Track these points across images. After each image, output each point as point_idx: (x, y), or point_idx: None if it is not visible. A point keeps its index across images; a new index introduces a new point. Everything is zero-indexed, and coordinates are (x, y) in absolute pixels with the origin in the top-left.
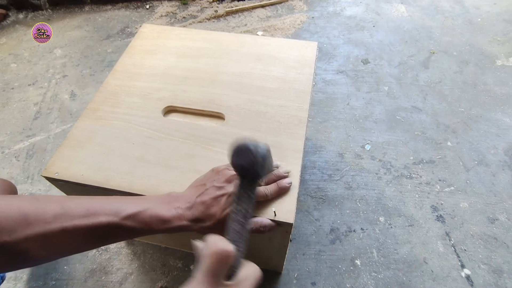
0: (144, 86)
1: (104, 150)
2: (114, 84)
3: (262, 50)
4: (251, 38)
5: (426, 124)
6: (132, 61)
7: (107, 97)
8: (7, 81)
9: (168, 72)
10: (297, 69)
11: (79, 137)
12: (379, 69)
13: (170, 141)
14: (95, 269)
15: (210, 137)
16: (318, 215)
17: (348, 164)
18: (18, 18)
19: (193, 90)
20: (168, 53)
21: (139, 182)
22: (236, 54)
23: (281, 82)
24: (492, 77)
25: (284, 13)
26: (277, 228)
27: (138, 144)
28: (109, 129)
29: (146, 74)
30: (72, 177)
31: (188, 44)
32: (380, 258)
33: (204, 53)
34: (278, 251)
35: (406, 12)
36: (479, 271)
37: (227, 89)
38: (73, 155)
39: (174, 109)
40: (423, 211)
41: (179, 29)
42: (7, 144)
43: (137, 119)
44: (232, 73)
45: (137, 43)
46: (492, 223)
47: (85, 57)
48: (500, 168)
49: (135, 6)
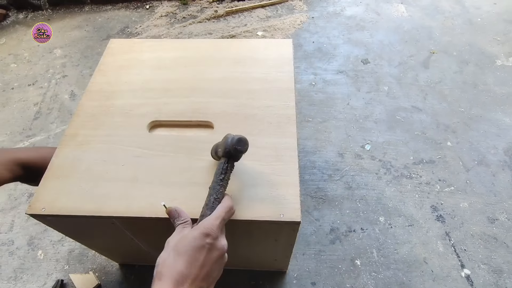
0: (124, 104)
1: (92, 176)
2: (91, 105)
3: (239, 53)
4: (225, 42)
5: (426, 124)
6: (106, 79)
7: (85, 120)
8: (7, 81)
9: (147, 86)
10: (277, 67)
11: (62, 166)
12: (379, 69)
13: (161, 157)
14: (95, 269)
15: (202, 147)
16: (318, 215)
17: (348, 164)
18: (18, 18)
19: (176, 101)
20: (143, 67)
21: (136, 204)
22: (214, 60)
23: (264, 83)
24: (492, 77)
25: (284, 13)
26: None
27: (128, 165)
28: (94, 153)
29: (123, 91)
30: (61, 210)
31: (163, 55)
32: (380, 258)
33: (180, 62)
34: (284, 251)
35: (406, 12)
36: (479, 271)
37: (211, 96)
38: (58, 186)
39: (159, 124)
40: (423, 211)
41: (150, 41)
42: (7, 144)
43: (122, 139)
44: (213, 79)
45: (108, 59)
46: (492, 223)
47: (85, 57)
48: (500, 168)
49: (135, 6)
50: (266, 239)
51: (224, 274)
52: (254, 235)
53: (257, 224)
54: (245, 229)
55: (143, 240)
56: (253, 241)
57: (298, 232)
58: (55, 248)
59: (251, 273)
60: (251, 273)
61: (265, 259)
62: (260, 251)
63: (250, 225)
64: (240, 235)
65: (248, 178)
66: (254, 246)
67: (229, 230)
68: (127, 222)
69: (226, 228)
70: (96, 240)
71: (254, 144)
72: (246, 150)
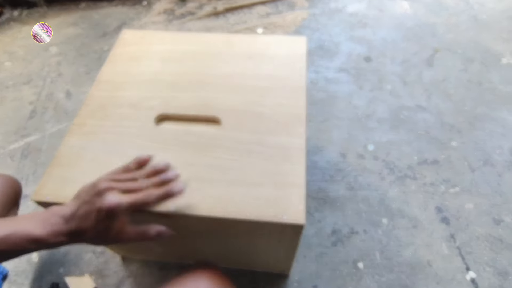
0: (132, 95)
1: (97, 166)
2: (99, 95)
3: (250, 49)
4: (237, 37)
5: (430, 123)
6: (115, 70)
7: (94, 110)
8: (1, 80)
9: (156, 78)
10: (289, 65)
11: (68, 155)
12: (382, 67)
13: (167, 151)
14: (91, 272)
15: (208, 142)
16: (319, 217)
17: (350, 164)
18: (12, 15)
19: (184, 95)
20: (153, 59)
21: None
22: (224, 55)
23: (274, 80)
24: (498, 75)
25: (284, 10)
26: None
27: (134, 157)
28: (100, 143)
29: (132, 83)
30: (66, 198)
31: (173, 48)
32: (383, 261)
33: (191, 56)
34: (287, 253)
35: (410, 9)
36: (484, 274)
37: (220, 92)
38: (64, 175)
39: (166, 117)
40: (427, 212)
41: (162, 33)
42: (1, 144)
43: (129, 130)
44: (222, 75)
45: (119, 50)
46: (498, 224)
47: (81, 55)
48: (506, 168)
49: (132, 3)
50: (269, 240)
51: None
52: (257, 235)
53: (260, 224)
54: (248, 228)
55: None
56: (256, 241)
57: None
58: (49, 251)
59: (252, 276)
60: (252, 276)
61: (267, 260)
62: (263, 251)
63: (253, 225)
64: (242, 234)
65: (254, 177)
66: (257, 246)
67: (233, 229)
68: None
69: (230, 226)
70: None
71: (261, 142)
72: None
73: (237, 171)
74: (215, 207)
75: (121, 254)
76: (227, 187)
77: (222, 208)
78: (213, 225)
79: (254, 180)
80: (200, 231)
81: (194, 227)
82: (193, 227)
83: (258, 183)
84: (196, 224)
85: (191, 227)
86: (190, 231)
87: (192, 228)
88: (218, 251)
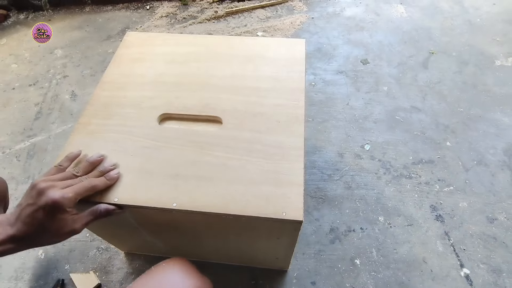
0: (136, 96)
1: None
2: (104, 95)
3: (251, 51)
4: (238, 39)
5: (425, 124)
6: (119, 71)
7: (98, 110)
8: (8, 82)
9: (159, 79)
10: (288, 67)
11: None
12: (379, 70)
13: (169, 149)
14: (95, 268)
15: (209, 141)
16: (317, 215)
17: (348, 164)
18: (19, 18)
19: (186, 95)
20: (156, 60)
21: (142, 194)
22: (226, 57)
23: (274, 81)
24: (492, 77)
25: (284, 14)
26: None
27: (136, 155)
28: (104, 142)
29: (136, 83)
30: None
31: (176, 49)
32: (379, 258)
33: (193, 57)
34: (285, 250)
35: (406, 13)
36: (478, 271)
37: (221, 92)
38: None
39: (169, 117)
40: (423, 210)
41: (164, 35)
42: (8, 144)
43: (132, 129)
44: (224, 76)
45: (123, 51)
46: (491, 222)
47: (86, 58)
48: (499, 168)
49: (136, 6)
50: (268, 237)
51: (222, 272)
52: (257, 232)
53: (260, 220)
54: (248, 225)
55: (147, 230)
56: (255, 238)
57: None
58: (55, 248)
59: (251, 273)
60: (251, 273)
61: (266, 256)
62: (262, 248)
63: (253, 221)
64: (243, 230)
65: (254, 175)
66: (256, 243)
67: (233, 226)
68: (132, 211)
69: (231, 223)
70: (102, 227)
71: (261, 142)
72: None
73: (238, 170)
74: (216, 203)
75: (125, 251)
76: (228, 184)
77: (223, 205)
78: (214, 222)
79: (254, 178)
80: (202, 227)
81: (196, 224)
82: (195, 223)
83: (258, 181)
84: (198, 220)
85: (193, 223)
86: (192, 227)
87: (194, 225)
88: (219, 248)
